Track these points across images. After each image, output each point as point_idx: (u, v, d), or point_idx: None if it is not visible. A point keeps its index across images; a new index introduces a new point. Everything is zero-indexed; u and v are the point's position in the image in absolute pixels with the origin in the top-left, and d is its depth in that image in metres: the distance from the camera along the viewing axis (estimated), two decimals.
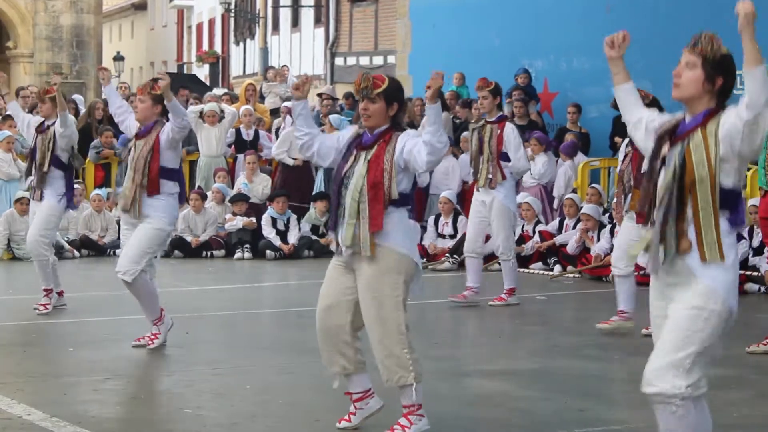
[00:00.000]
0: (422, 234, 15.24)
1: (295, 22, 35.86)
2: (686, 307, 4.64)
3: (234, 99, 19.95)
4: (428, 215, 16.06)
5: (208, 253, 15.87)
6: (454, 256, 14.72)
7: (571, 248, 14.03)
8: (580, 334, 9.69)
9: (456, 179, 16.46)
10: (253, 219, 16.11)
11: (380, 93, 6.14)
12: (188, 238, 15.79)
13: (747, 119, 4.53)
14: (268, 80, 23.04)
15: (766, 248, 11.75)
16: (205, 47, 44.35)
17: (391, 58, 26.26)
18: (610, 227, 13.81)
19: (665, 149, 4.76)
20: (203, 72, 42.55)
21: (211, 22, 44.44)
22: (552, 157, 16.10)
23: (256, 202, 16.72)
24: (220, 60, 42.60)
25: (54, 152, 10.41)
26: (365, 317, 6.15)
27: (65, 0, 36.63)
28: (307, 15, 34.83)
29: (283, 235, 15.85)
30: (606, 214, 14.25)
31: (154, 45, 50.68)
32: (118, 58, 43.04)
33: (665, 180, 4.72)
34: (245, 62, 40.04)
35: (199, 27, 45.98)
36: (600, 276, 13.49)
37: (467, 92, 19.23)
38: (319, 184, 16.79)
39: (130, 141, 8.99)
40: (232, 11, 39.80)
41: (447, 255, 14.83)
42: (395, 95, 6.19)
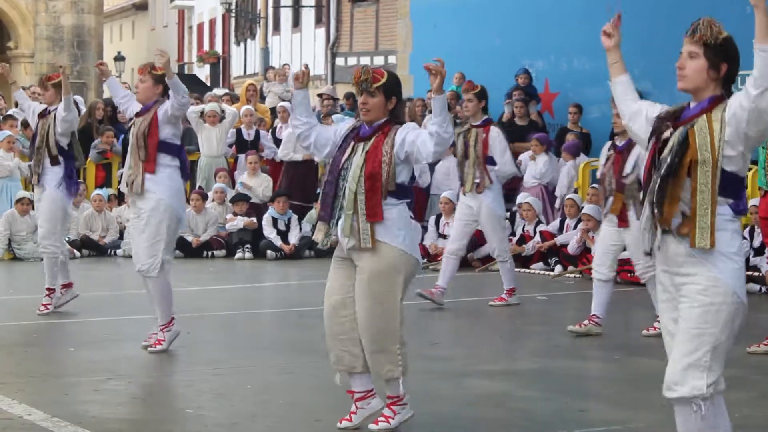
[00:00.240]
0: (423, 234, 15.22)
1: (296, 23, 35.87)
2: (696, 305, 4.57)
3: (235, 99, 19.94)
4: (429, 215, 16.05)
5: (209, 253, 15.87)
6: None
7: (572, 248, 14.03)
8: (581, 334, 9.68)
9: (457, 179, 16.41)
10: (254, 219, 16.11)
11: (379, 87, 6.17)
12: (189, 238, 15.79)
13: (754, 94, 4.46)
14: (268, 80, 23.06)
15: (767, 248, 11.75)
16: (206, 47, 44.38)
17: (392, 59, 26.26)
18: None
19: (667, 133, 4.69)
20: (204, 72, 42.59)
21: (212, 23, 44.45)
22: (553, 157, 16.10)
23: (257, 202, 16.72)
24: (221, 60, 42.62)
25: (55, 136, 10.32)
26: (360, 310, 6.14)
27: (66, 0, 36.64)
28: (308, 15, 34.83)
29: (284, 235, 15.85)
30: None
31: (155, 45, 50.56)
32: (119, 59, 43.05)
33: (663, 160, 4.64)
34: (246, 62, 40.05)
35: (200, 27, 46.00)
36: None
37: None
38: None
39: (131, 120, 8.99)
40: (233, 11, 39.82)
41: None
42: (394, 89, 6.23)
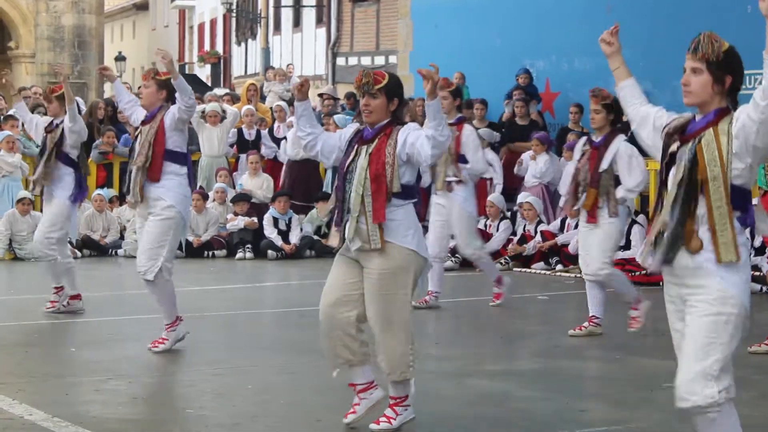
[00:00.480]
0: (423, 233, 15.20)
1: (297, 22, 35.89)
2: (705, 314, 4.62)
3: (235, 99, 19.94)
4: (429, 215, 16.01)
5: (210, 253, 15.87)
6: (456, 255, 14.72)
7: (573, 248, 14.01)
8: (582, 334, 9.68)
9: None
10: (255, 219, 16.12)
11: (381, 88, 6.20)
12: (190, 238, 15.78)
13: (763, 105, 4.46)
14: (268, 80, 23.07)
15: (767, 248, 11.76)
16: (207, 47, 44.40)
17: (393, 58, 26.26)
18: None
19: (674, 147, 4.72)
20: (205, 72, 42.61)
21: (213, 23, 44.47)
22: (554, 157, 16.11)
23: (257, 202, 16.72)
24: (222, 60, 42.63)
25: (62, 148, 10.32)
26: (372, 312, 6.17)
27: (67, 0, 36.63)
28: (309, 15, 34.84)
29: (285, 235, 15.86)
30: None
31: (156, 45, 50.49)
32: (120, 59, 43.05)
33: (675, 177, 4.67)
34: (247, 62, 40.07)
35: (201, 27, 46.01)
36: None
37: (468, 92, 19.23)
38: (328, 184, 16.80)
39: (137, 129, 8.97)
40: (234, 11, 39.82)
41: (448, 255, 14.81)
42: (395, 91, 6.26)
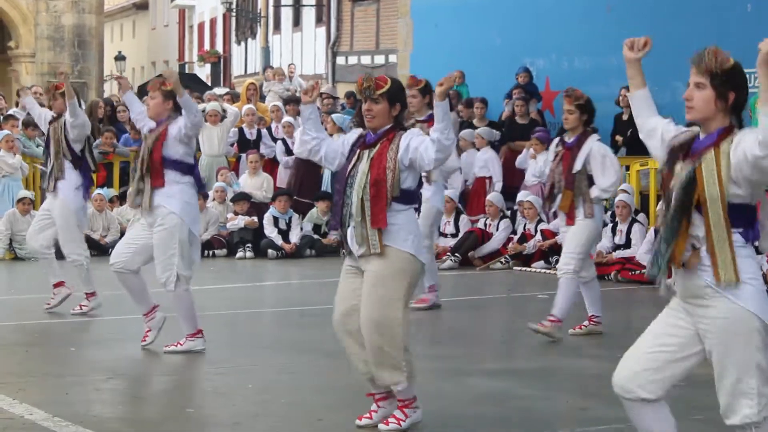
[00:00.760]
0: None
1: (297, 22, 35.89)
2: (727, 337, 4.63)
3: (236, 98, 19.95)
4: None
5: (210, 253, 15.86)
6: (456, 254, 14.74)
7: None
8: (583, 333, 9.68)
9: (458, 178, 16.44)
10: (255, 218, 16.12)
11: (383, 94, 6.19)
12: None
13: (759, 155, 4.46)
14: (267, 80, 23.07)
15: None
16: (207, 47, 44.38)
17: (393, 57, 26.27)
18: (612, 226, 13.82)
19: (678, 167, 4.71)
20: (205, 71, 42.59)
21: (213, 22, 44.47)
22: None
23: (257, 201, 16.72)
24: (222, 59, 42.63)
25: (67, 141, 10.35)
26: (365, 313, 6.13)
27: (67, 0, 36.62)
28: (309, 14, 34.85)
29: (285, 234, 15.86)
30: (608, 213, 14.24)
31: (156, 45, 50.69)
32: (120, 58, 43.03)
33: (675, 196, 4.68)
34: (247, 62, 40.07)
35: (201, 26, 46.02)
36: (602, 275, 13.47)
37: (467, 91, 19.24)
38: (327, 183, 16.81)
39: (144, 137, 8.95)
40: (234, 11, 39.82)
41: (448, 254, 14.83)
42: (398, 96, 6.25)
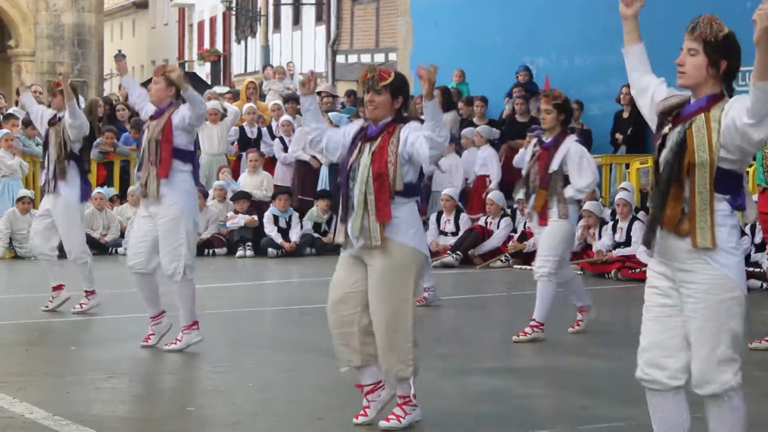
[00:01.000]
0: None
1: (297, 20, 35.89)
2: (708, 303, 4.67)
3: (237, 97, 19.96)
4: (430, 212, 16.06)
5: (210, 251, 15.86)
6: (457, 252, 14.74)
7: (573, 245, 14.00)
8: (583, 331, 9.68)
9: (459, 177, 16.46)
10: (255, 217, 16.11)
11: (386, 86, 6.20)
12: None
13: (747, 122, 4.52)
14: (267, 78, 23.05)
15: None
16: (207, 45, 44.37)
17: (393, 56, 26.27)
18: (612, 224, 13.82)
19: (666, 129, 4.74)
20: (205, 70, 42.59)
21: (213, 21, 44.47)
22: None
23: (256, 200, 16.71)
24: (222, 58, 42.62)
25: (68, 143, 10.34)
26: (374, 310, 6.17)
27: None
28: (309, 13, 34.84)
29: (285, 233, 15.86)
30: (609, 211, 14.26)
31: (156, 43, 50.69)
32: (120, 56, 43.02)
33: (664, 160, 4.70)
34: (247, 60, 40.08)
35: (201, 25, 46.02)
36: (602, 272, 13.49)
37: (467, 89, 19.24)
38: (324, 181, 16.80)
39: (145, 123, 8.99)
40: (234, 9, 39.82)
41: (449, 252, 14.83)
42: (401, 88, 6.27)
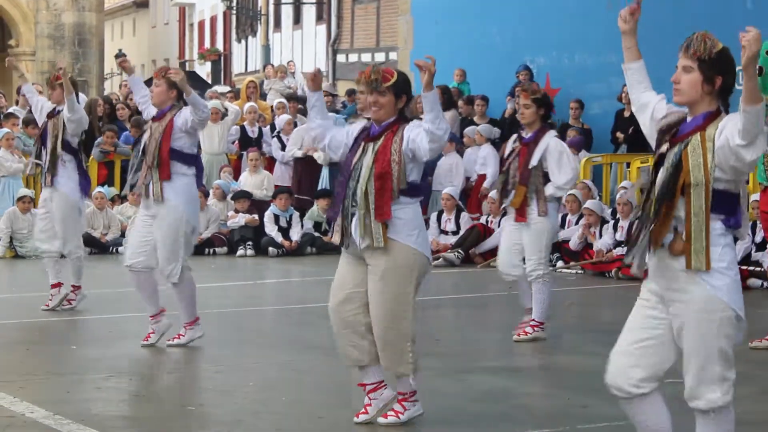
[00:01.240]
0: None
1: (297, 20, 35.87)
2: (696, 324, 4.68)
3: (238, 97, 19.96)
4: (431, 211, 16.06)
5: (211, 251, 15.86)
6: (459, 251, 14.73)
7: (574, 244, 14.02)
8: (583, 330, 9.69)
9: (459, 176, 16.45)
10: (256, 216, 16.11)
11: (390, 86, 6.21)
12: None
13: (739, 143, 4.55)
14: (268, 77, 23.04)
15: None
16: (207, 45, 44.34)
17: (393, 55, 26.25)
18: (613, 223, 13.81)
19: (664, 149, 4.75)
20: (205, 69, 42.55)
21: (213, 20, 44.45)
22: None
23: (258, 199, 16.70)
24: (222, 57, 42.60)
25: (64, 137, 10.33)
26: (373, 309, 6.18)
27: None
28: (309, 12, 34.82)
29: (286, 232, 15.85)
30: (609, 210, 14.26)
31: (156, 43, 50.67)
32: (120, 54, 43.02)
33: (661, 179, 4.71)
34: (247, 60, 40.05)
35: (201, 24, 46.00)
36: (602, 272, 13.49)
37: (468, 89, 19.23)
38: (324, 180, 16.80)
39: (147, 123, 9.00)
40: (234, 9, 39.79)
41: (449, 251, 14.82)
42: (404, 88, 6.28)
